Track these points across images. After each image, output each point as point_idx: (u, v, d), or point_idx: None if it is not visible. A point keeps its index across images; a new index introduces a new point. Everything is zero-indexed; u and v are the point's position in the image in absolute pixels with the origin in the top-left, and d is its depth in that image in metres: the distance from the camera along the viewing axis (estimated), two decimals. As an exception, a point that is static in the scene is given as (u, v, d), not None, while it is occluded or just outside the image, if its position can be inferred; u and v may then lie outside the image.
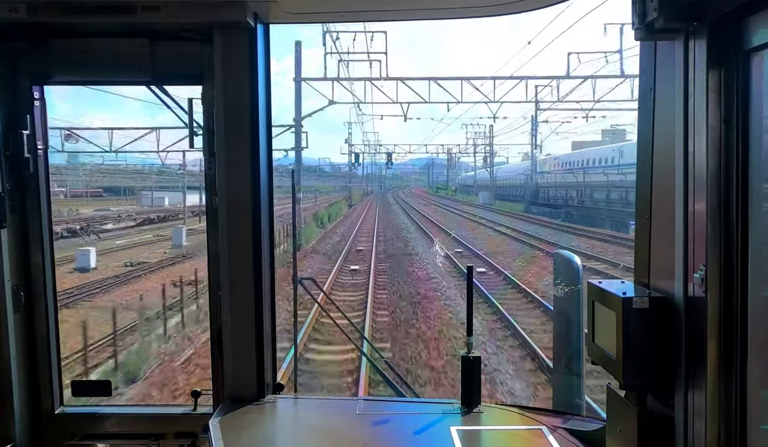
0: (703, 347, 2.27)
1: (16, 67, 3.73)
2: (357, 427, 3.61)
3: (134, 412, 4.57)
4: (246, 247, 3.74)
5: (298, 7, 3.69)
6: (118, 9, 3.39)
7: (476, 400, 3.71)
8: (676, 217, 2.39)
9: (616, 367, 2.54)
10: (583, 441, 3.26)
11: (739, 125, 2.18)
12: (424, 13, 3.84)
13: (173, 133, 41.87)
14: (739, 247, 2.19)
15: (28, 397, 3.87)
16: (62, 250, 30.18)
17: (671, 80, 2.41)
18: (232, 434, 3.38)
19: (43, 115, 3.89)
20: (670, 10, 2.22)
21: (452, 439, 3.28)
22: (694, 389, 2.34)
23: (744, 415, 2.22)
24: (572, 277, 4.12)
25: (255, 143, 3.70)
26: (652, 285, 2.68)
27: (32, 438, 3.88)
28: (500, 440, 3.52)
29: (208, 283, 3.95)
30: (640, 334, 2.46)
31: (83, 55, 3.78)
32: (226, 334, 3.80)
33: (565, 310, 4.18)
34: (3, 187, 3.63)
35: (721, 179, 2.23)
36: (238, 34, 3.61)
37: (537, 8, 3.62)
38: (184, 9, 3.42)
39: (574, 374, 4.15)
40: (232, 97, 3.67)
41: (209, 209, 3.85)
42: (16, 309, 3.76)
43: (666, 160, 2.52)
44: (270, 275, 3.90)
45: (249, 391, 3.82)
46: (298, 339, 14.69)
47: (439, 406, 3.85)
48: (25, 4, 3.33)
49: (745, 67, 2.15)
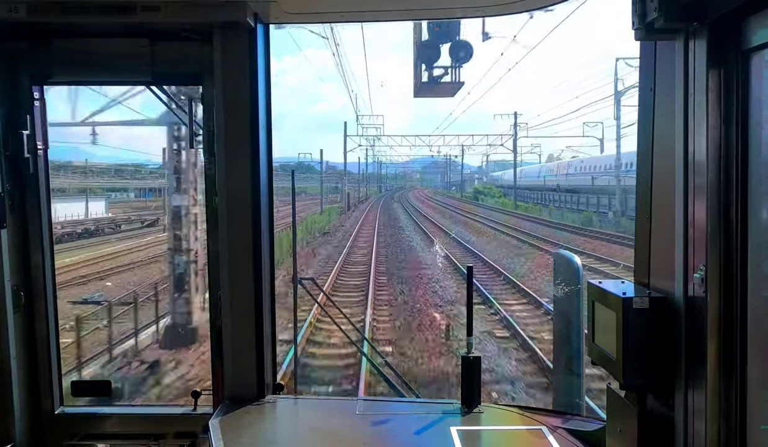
0: (703, 347, 2.27)
1: (16, 67, 3.73)
2: (357, 427, 3.61)
3: (134, 412, 4.57)
4: (246, 247, 3.74)
5: (298, 7, 3.69)
6: (118, 9, 3.39)
7: (476, 401, 3.70)
8: (676, 217, 2.39)
9: (616, 367, 2.54)
10: (583, 441, 3.26)
11: (738, 125, 2.18)
12: (424, 13, 3.84)
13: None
14: (739, 248, 2.19)
15: (28, 397, 3.87)
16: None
17: (671, 80, 2.41)
18: (232, 434, 3.37)
19: (43, 115, 3.89)
20: (670, 10, 2.22)
21: (452, 440, 3.28)
22: (694, 389, 2.34)
23: (744, 415, 2.21)
24: (572, 277, 4.12)
25: (255, 143, 3.70)
26: (652, 285, 2.68)
27: (32, 438, 3.88)
28: (500, 440, 3.52)
29: (208, 283, 3.95)
30: (640, 334, 2.46)
31: (83, 55, 3.78)
32: (226, 334, 3.80)
33: (565, 311, 4.19)
34: (3, 187, 3.63)
35: (721, 179, 2.23)
36: (238, 34, 3.61)
37: (537, 8, 3.62)
38: (184, 9, 3.42)
39: (574, 374, 4.15)
40: (232, 97, 3.67)
41: (209, 209, 3.85)
42: (16, 309, 3.76)
43: (666, 160, 2.52)
44: (270, 275, 3.90)
45: (249, 391, 3.82)
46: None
47: (439, 406, 3.85)
48: (25, 4, 3.33)
49: (745, 67, 2.16)
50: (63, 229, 38.19)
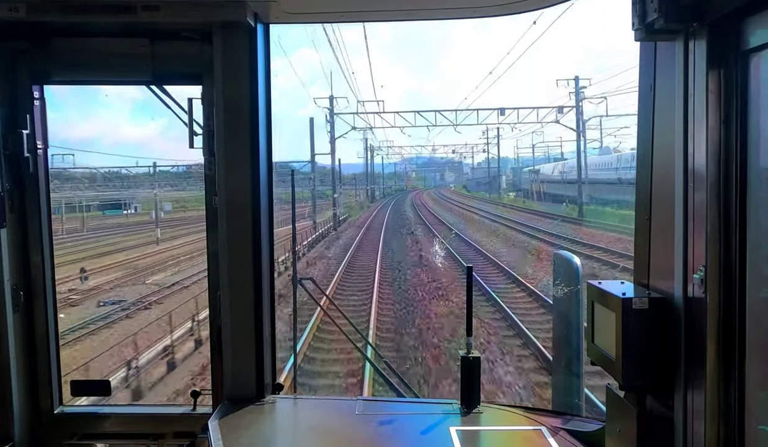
0: (703, 348, 2.27)
1: (16, 67, 3.73)
2: (357, 427, 3.61)
3: (134, 412, 4.57)
4: (245, 247, 3.74)
5: (298, 7, 3.69)
6: (118, 9, 3.39)
7: (476, 401, 3.70)
8: (676, 217, 2.39)
9: (615, 367, 2.54)
10: (582, 441, 3.26)
11: (738, 125, 2.18)
12: (423, 13, 3.84)
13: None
14: (739, 248, 2.19)
15: (27, 397, 3.87)
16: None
17: (671, 80, 2.41)
18: (232, 434, 3.37)
19: (43, 115, 3.89)
20: (669, 10, 2.22)
21: (452, 440, 3.28)
22: (693, 389, 2.34)
23: (743, 415, 2.21)
24: (571, 278, 4.12)
25: (255, 143, 3.70)
26: (652, 285, 2.68)
27: (32, 437, 3.88)
28: (500, 440, 3.52)
29: (208, 283, 3.95)
30: (640, 334, 2.46)
31: (83, 54, 3.78)
32: (225, 334, 3.80)
33: (565, 311, 4.19)
34: (3, 187, 3.63)
35: (721, 179, 2.23)
36: (238, 33, 3.61)
37: (537, 8, 3.62)
38: (184, 9, 3.42)
39: (574, 374, 4.15)
40: (232, 97, 3.67)
41: (209, 209, 3.85)
42: (15, 309, 3.76)
43: (666, 160, 2.52)
44: (270, 275, 3.89)
45: (248, 391, 3.82)
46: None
47: (439, 407, 3.84)
48: (25, 4, 3.33)
49: (745, 67, 2.16)
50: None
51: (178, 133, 3.93)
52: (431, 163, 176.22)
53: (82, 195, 60.20)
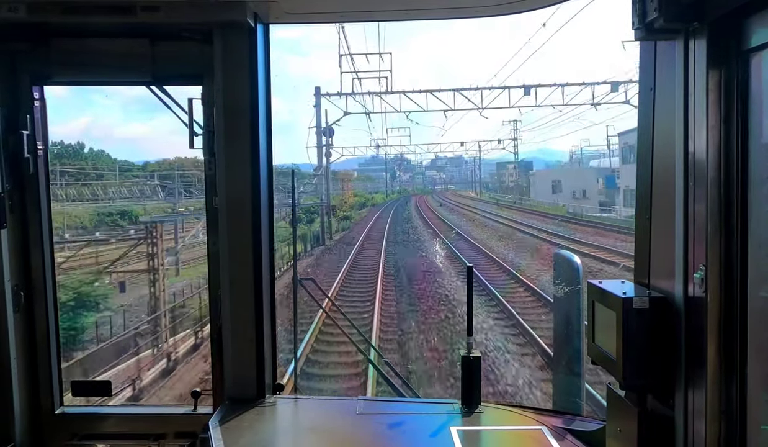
0: (703, 347, 2.27)
1: (16, 67, 3.73)
2: (357, 428, 3.61)
3: (134, 412, 4.57)
4: (246, 247, 3.74)
5: (298, 7, 3.69)
6: (118, 9, 3.39)
7: (477, 401, 3.70)
8: (676, 217, 2.39)
9: (616, 366, 2.54)
10: (583, 441, 3.26)
11: (738, 125, 2.18)
12: (424, 13, 3.84)
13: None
14: (739, 247, 2.19)
15: (28, 398, 3.87)
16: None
17: (671, 80, 2.41)
18: (232, 434, 3.37)
19: (43, 115, 3.89)
20: (670, 10, 2.22)
21: (452, 440, 3.28)
22: (694, 389, 2.34)
23: (744, 414, 2.21)
24: (572, 277, 4.11)
25: (255, 143, 3.70)
26: (652, 285, 2.68)
27: (32, 438, 3.88)
28: (501, 440, 3.52)
29: (208, 283, 3.95)
30: (640, 334, 2.46)
31: (83, 55, 3.78)
32: (226, 334, 3.80)
33: (565, 310, 4.18)
34: (3, 187, 3.63)
35: (721, 179, 2.23)
36: (238, 34, 3.61)
37: (537, 8, 3.62)
38: (184, 9, 3.42)
39: (574, 374, 4.14)
40: (232, 97, 3.67)
41: (209, 210, 3.85)
42: (16, 309, 3.76)
43: (666, 160, 2.52)
44: (270, 275, 3.89)
45: (249, 391, 3.82)
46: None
47: (439, 407, 3.84)
48: (25, 4, 3.33)
49: (745, 67, 2.15)
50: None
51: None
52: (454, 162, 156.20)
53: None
